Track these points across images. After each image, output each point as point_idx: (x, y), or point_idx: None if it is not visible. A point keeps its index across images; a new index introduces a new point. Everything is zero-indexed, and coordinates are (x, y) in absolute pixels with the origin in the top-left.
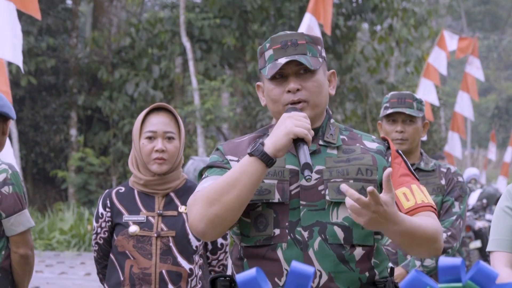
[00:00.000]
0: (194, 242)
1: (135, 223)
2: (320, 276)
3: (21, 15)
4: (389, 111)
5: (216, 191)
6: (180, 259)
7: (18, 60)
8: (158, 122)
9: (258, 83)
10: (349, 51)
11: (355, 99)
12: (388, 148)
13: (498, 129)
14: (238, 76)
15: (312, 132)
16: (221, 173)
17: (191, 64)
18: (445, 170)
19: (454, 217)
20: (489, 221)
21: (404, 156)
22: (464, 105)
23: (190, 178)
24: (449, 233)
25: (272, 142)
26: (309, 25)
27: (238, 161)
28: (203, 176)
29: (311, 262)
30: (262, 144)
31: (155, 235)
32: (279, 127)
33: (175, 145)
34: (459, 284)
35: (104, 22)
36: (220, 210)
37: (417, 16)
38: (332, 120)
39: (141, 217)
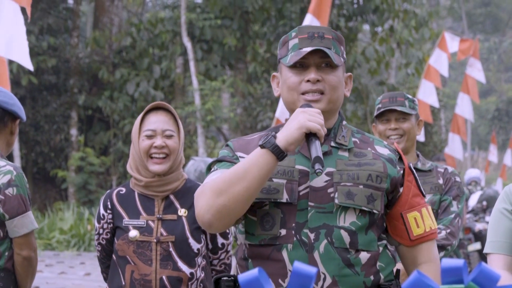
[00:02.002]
0: (195, 245)
1: (135, 227)
2: (324, 279)
3: (22, 14)
4: (381, 110)
5: (224, 182)
6: (180, 264)
7: (27, 62)
8: (157, 121)
9: (274, 73)
10: (350, 52)
11: (356, 100)
12: (400, 159)
13: (498, 131)
14: (238, 77)
15: (325, 129)
16: (230, 167)
17: (192, 64)
18: (442, 170)
19: (452, 215)
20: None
21: (414, 172)
22: (464, 107)
23: (191, 178)
24: (448, 231)
25: (284, 136)
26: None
27: None
28: (212, 169)
29: (316, 265)
30: (274, 137)
31: (155, 240)
32: (292, 121)
33: (174, 141)
34: (461, 286)
35: (105, 21)
36: (228, 201)
37: (418, 18)
38: (344, 122)
39: (141, 222)
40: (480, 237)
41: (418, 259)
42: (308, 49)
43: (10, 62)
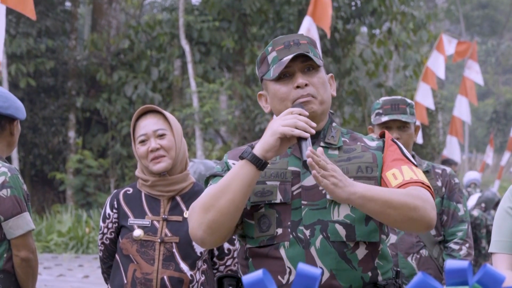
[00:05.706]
0: (198, 248)
1: (139, 227)
2: (322, 273)
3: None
4: (384, 118)
5: (210, 197)
6: (182, 265)
7: None
8: (147, 124)
9: (260, 92)
10: (348, 55)
11: (354, 103)
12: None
13: (496, 133)
14: (236, 79)
15: (313, 124)
16: None
17: (190, 66)
18: (440, 171)
19: (465, 226)
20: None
21: (400, 144)
22: (462, 109)
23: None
24: (467, 245)
25: (260, 144)
26: (308, 28)
27: None
28: (209, 184)
29: (313, 260)
30: (252, 147)
31: (159, 240)
32: (268, 129)
33: (168, 139)
34: (466, 287)
35: (103, 24)
36: (216, 216)
37: (416, 20)
38: (334, 124)
39: (146, 221)
40: None
41: None
42: (289, 56)
43: (9, 64)
